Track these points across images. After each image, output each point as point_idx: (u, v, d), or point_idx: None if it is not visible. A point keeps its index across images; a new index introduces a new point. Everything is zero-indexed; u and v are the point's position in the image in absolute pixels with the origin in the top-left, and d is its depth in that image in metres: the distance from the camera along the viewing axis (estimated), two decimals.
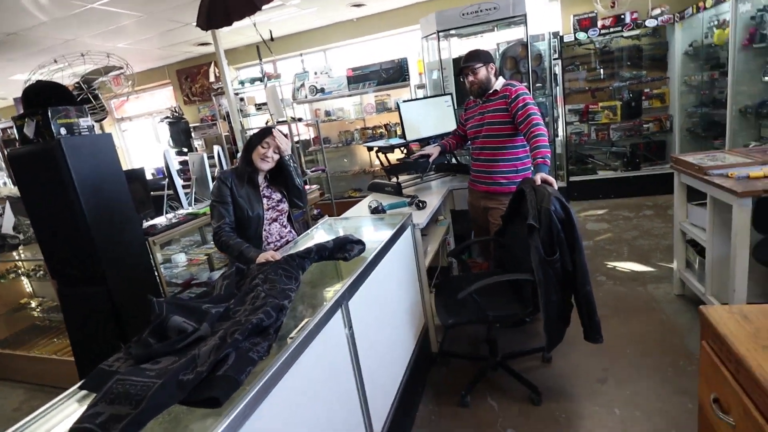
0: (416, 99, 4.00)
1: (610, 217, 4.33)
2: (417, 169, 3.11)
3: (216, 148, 3.47)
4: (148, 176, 4.21)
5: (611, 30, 4.64)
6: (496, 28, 3.72)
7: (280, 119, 4.41)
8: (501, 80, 2.32)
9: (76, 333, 2.36)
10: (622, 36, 4.72)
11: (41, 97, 2.07)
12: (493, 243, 2.43)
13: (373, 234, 2.13)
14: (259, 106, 5.60)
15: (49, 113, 1.98)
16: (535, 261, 1.76)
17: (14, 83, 5.79)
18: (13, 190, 3.74)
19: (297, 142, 4.99)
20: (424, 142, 2.92)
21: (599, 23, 4.68)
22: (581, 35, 4.67)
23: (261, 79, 5.08)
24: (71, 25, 4.02)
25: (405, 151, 3.05)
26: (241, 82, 5.62)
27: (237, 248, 1.78)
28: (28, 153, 2.09)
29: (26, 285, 3.40)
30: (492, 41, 4.22)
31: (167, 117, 5.85)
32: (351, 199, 5.31)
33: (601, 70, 4.90)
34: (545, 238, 1.76)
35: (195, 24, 3.16)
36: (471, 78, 2.30)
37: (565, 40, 4.73)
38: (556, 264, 1.75)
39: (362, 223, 2.30)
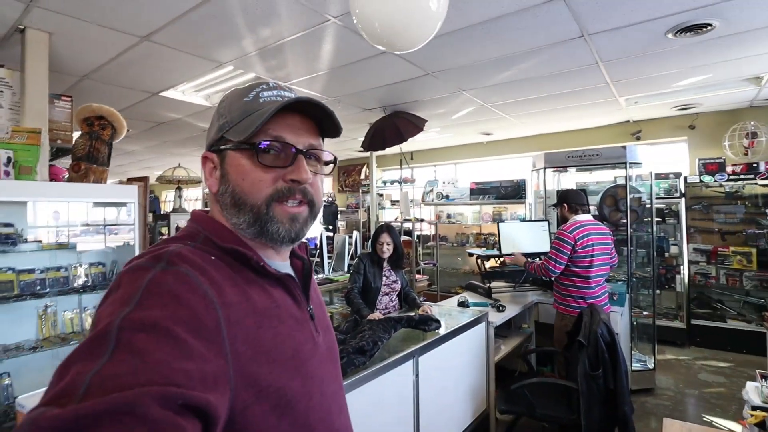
0: (515, 221, 4.57)
1: (731, 372, 3.99)
2: (512, 278, 3.62)
3: (355, 233, 4.49)
4: None
5: (742, 177, 4.65)
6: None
7: (407, 217, 5.36)
8: (572, 219, 2.88)
9: None
10: (756, 183, 4.66)
11: None
12: (563, 356, 2.75)
13: (453, 319, 2.70)
14: (393, 203, 6.74)
15: None
16: (581, 373, 2.12)
17: None
18: None
19: (417, 237, 5.84)
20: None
21: (729, 169, 4.75)
22: (707, 178, 4.77)
23: (399, 182, 6.24)
24: None
25: (499, 261, 3.60)
26: (384, 182, 6.89)
27: (357, 305, 2.60)
28: None
29: None
30: (602, 176, 4.67)
31: (324, 201, 7.40)
32: (455, 294, 5.83)
33: (736, 215, 4.81)
34: (591, 355, 2.12)
35: (360, 145, 4.40)
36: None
37: (689, 181, 4.88)
38: (598, 380, 2.08)
39: (449, 311, 2.88)
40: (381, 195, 7.11)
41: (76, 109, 2.71)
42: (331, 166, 0.73)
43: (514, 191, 5.73)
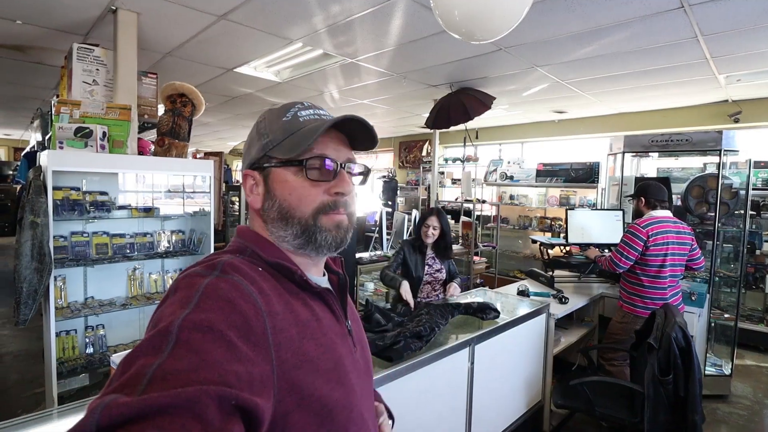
0: (584, 207, 4.29)
1: None
2: (577, 268, 3.44)
3: (414, 212, 4.48)
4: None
5: None
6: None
7: (468, 198, 5.24)
8: (648, 214, 2.65)
9: None
10: None
11: None
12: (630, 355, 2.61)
13: (512, 309, 2.64)
14: (455, 181, 6.61)
15: None
16: (648, 377, 2.00)
17: None
18: None
19: (477, 218, 5.71)
20: (585, 246, 3.26)
21: None
22: None
23: (462, 160, 6.08)
24: (352, 110, 5.84)
25: (564, 250, 3.43)
26: (446, 160, 6.75)
27: (390, 276, 2.60)
28: None
29: None
30: (689, 162, 4.22)
31: (384, 176, 7.43)
32: (515, 278, 5.68)
33: None
34: (662, 359, 1.99)
35: (424, 123, 4.31)
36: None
37: None
38: (668, 385, 1.95)
39: (508, 298, 2.82)
40: (442, 173, 6.99)
41: (161, 87, 2.90)
42: (362, 176, 0.76)
43: (586, 175, 5.36)
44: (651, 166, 4.38)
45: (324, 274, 0.77)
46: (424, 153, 7.50)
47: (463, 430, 1.96)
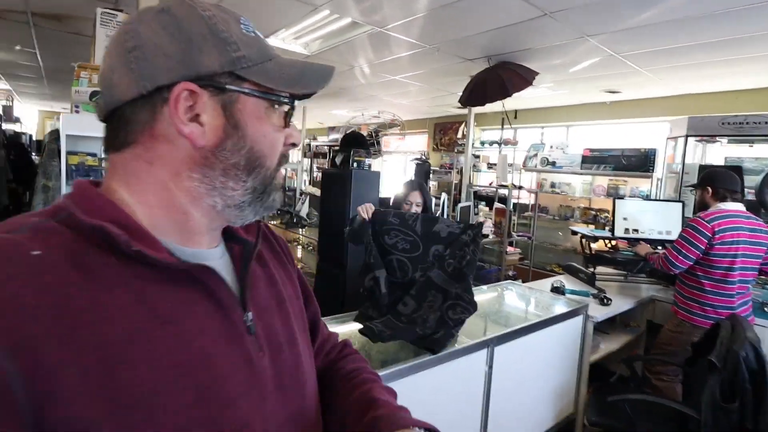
0: (636, 198, 3.84)
1: None
2: (624, 266, 3.06)
3: (443, 196, 4.20)
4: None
5: None
6: None
7: (503, 183, 4.88)
8: (715, 206, 2.25)
9: (317, 295, 3.60)
10: None
11: (350, 141, 3.22)
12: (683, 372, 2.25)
13: (544, 307, 2.34)
14: (491, 166, 6.22)
15: (351, 153, 3.08)
16: (706, 400, 1.66)
17: (332, 116, 8.49)
18: (311, 189, 5.48)
19: (513, 206, 5.33)
20: (634, 241, 2.87)
21: None
22: None
23: (498, 144, 5.69)
24: (384, 88, 5.59)
25: (609, 244, 3.05)
26: (482, 143, 6.36)
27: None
28: (333, 173, 3.36)
29: (299, 252, 4.96)
30: (764, 151, 3.65)
31: (417, 158, 7.13)
32: (551, 273, 5.28)
33: None
34: (726, 381, 1.65)
35: (458, 100, 3.99)
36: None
37: None
38: (732, 413, 1.61)
39: (539, 295, 2.51)
40: (477, 156, 6.59)
41: None
42: None
43: (640, 162, 4.83)
44: (718, 154, 3.84)
45: (219, 245, 0.53)
46: (459, 135, 7.11)
47: None
